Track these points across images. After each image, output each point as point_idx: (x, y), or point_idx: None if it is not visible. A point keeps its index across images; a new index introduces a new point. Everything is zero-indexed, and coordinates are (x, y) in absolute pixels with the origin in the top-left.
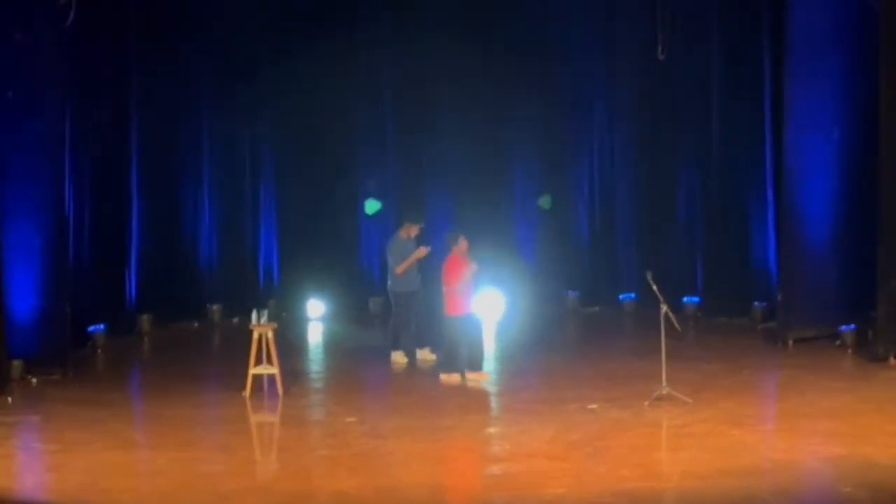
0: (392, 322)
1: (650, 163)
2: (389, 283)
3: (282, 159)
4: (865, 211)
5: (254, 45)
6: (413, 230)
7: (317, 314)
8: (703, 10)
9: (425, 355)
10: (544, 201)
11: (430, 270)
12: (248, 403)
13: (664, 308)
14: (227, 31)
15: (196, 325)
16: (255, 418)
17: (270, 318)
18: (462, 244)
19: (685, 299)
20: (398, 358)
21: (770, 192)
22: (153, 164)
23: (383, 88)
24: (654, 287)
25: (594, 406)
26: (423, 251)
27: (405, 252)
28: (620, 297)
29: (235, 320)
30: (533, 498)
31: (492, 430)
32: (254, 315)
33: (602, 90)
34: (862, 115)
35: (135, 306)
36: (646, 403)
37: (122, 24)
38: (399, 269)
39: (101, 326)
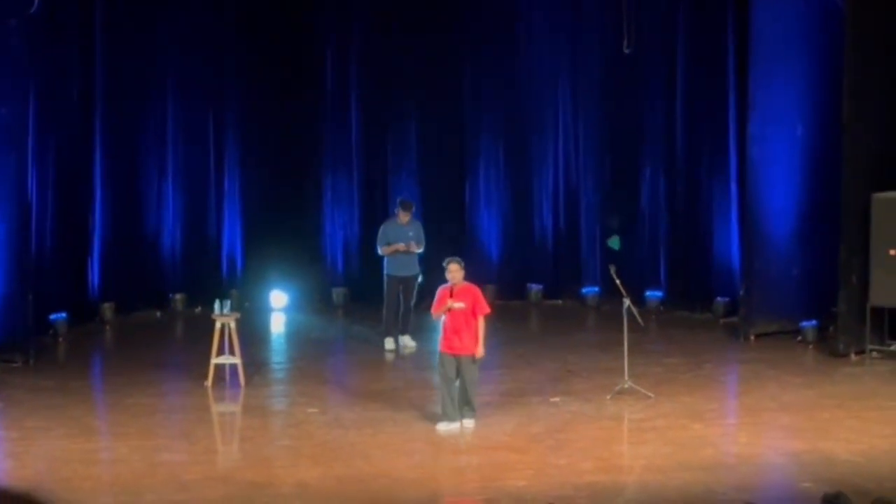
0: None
1: (615, 156)
2: None
3: (246, 149)
4: (827, 207)
5: (220, 35)
6: (402, 216)
7: (280, 304)
8: (670, 4)
9: (406, 342)
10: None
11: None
12: (210, 393)
13: (627, 302)
14: (194, 21)
15: (159, 314)
16: (216, 408)
17: (233, 308)
18: (449, 271)
19: (648, 293)
20: (387, 345)
21: (733, 187)
22: (117, 151)
23: (349, 78)
24: (618, 281)
25: (556, 399)
26: (401, 246)
27: (390, 235)
28: (584, 290)
29: (198, 310)
30: (494, 489)
31: None
32: (216, 305)
33: (567, 83)
34: (825, 112)
35: (97, 294)
36: (608, 397)
37: (87, 11)
38: (381, 251)
39: (63, 314)
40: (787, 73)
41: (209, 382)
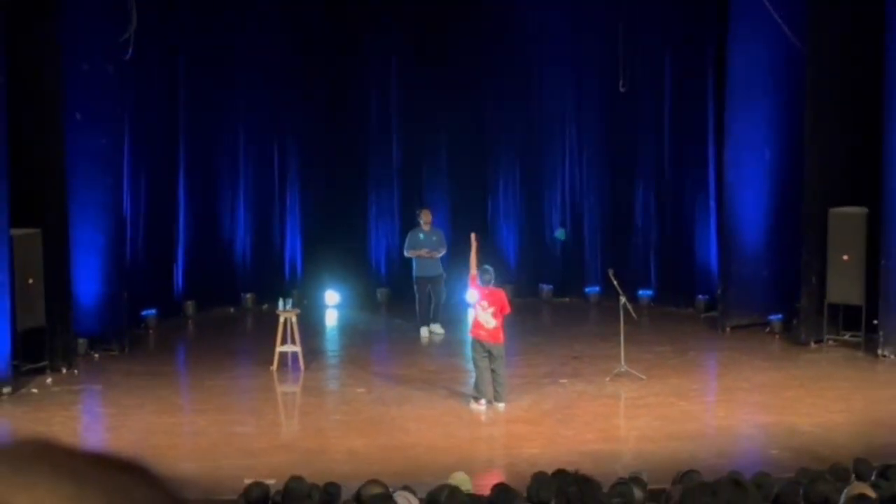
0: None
1: (613, 177)
2: None
3: (305, 172)
4: (791, 217)
5: (283, 77)
6: (424, 221)
7: (333, 302)
8: (658, 48)
9: (435, 329)
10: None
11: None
12: (275, 376)
13: (623, 300)
14: (262, 65)
15: (232, 310)
16: (280, 388)
17: (294, 305)
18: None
19: (641, 292)
20: (422, 333)
21: (713, 203)
22: (198, 172)
23: (391, 113)
24: (615, 282)
25: (564, 381)
26: (424, 252)
27: (415, 242)
28: (586, 290)
29: (265, 306)
30: (512, 456)
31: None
32: (280, 302)
33: (573, 116)
34: (789, 138)
35: (181, 293)
36: (607, 379)
37: (173, 54)
38: (407, 253)
39: (153, 310)
40: (757, 107)
41: (274, 367)
